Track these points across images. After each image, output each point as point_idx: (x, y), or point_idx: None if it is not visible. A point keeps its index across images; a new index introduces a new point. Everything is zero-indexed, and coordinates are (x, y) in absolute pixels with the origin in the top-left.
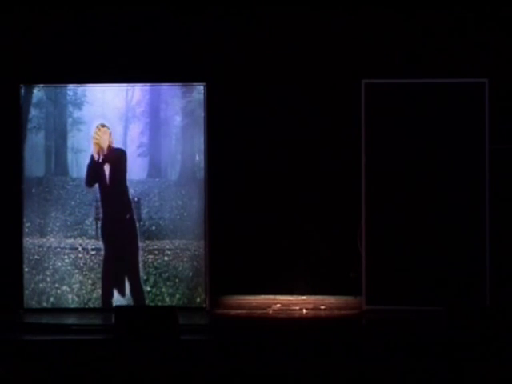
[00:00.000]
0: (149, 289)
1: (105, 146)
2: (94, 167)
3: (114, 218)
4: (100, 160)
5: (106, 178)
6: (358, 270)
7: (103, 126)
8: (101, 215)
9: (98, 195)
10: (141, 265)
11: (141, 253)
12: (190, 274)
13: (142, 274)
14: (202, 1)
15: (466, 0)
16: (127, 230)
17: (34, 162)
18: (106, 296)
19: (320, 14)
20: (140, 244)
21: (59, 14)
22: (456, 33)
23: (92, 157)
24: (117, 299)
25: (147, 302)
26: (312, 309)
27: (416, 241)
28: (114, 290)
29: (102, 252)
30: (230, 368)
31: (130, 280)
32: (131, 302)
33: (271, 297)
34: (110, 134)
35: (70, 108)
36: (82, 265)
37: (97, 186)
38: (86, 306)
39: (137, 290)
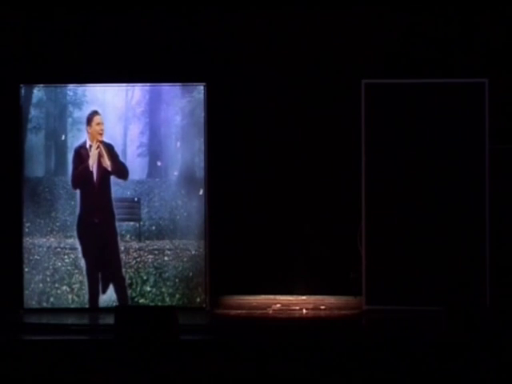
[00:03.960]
0: (149, 289)
1: (100, 137)
2: (83, 162)
3: (94, 217)
4: (91, 153)
5: (94, 173)
6: (358, 270)
7: (97, 113)
8: (78, 213)
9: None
10: (137, 265)
11: (140, 253)
12: (190, 274)
13: (142, 273)
14: (203, 1)
15: (466, 0)
16: (107, 229)
17: (34, 162)
18: (92, 295)
19: (320, 14)
20: (140, 244)
21: (59, 14)
22: (456, 33)
23: (79, 152)
24: (104, 299)
25: (147, 302)
26: (312, 309)
27: (416, 241)
28: (98, 289)
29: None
30: (230, 368)
31: (112, 279)
32: (115, 301)
33: (271, 297)
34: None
35: (70, 108)
36: (81, 265)
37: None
38: (86, 306)
39: (120, 289)
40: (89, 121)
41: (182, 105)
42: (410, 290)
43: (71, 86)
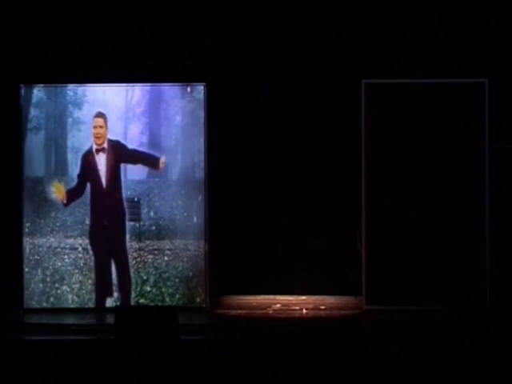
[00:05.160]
0: (149, 289)
1: (102, 137)
2: (89, 164)
3: (104, 217)
4: (96, 154)
5: (101, 173)
6: (358, 270)
7: (98, 115)
8: (89, 214)
9: (89, 191)
10: (137, 265)
11: (140, 253)
12: (190, 274)
13: (142, 273)
14: (202, 1)
15: (466, 0)
16: (117, 230)
17: (34, 162)
18: (100, 296)
19: (320, 15)
20: (140, 244)
21: (59, 14)
22: (456, 33)
23: (85, 158)
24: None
25: (147, 302)
26: (312, 309)
27: (416, 241)
28: (107, 290)
29: (91, 252)
30: (230, 368)
31: (120, 280)
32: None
33: (271, 297)
34: (106, 122)
35: (70, 108)
36: (81, 265)
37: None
38: (86, 306)
39: (126, 289)
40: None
41: (182, 105)
42: (410, 290)
43: (71, 86)
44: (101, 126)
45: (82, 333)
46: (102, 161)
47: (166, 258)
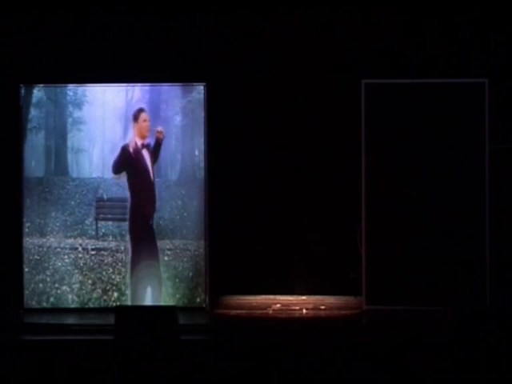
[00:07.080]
0: None
1: (147, 133)
2: (129, 160)
3: (142, 217)
4: (142, 148)
5: (149, 169)
6: (358, 270)
7: (143, 110)
8: (127, 215)
9: (128, 192)
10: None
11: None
12: (190, 274)
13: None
14: (202, 1)
15: (466, 0)
16: (152, 229)
17: (34, 162)
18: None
19: (320, 14)
20: None
21: (59, 14)
22: (456, 33)
23: (127, 150)
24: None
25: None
26: (312, 309)
27: (416, 241)
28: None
29: (130, 252)
30: (230, 368)
31: (153, 279)
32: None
33: (271, 297)
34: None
35: (70, 108)
36: (81, 265)
37: (125, 180)
38: (86, 306)
39: (157, 287)
40: (135, 117)
41: (182, 105)
42: (410, 290)
43: (71, 86)
44: (149, 120)
45: (82, 333)
46: (146, 157)
47: (165, 258)
